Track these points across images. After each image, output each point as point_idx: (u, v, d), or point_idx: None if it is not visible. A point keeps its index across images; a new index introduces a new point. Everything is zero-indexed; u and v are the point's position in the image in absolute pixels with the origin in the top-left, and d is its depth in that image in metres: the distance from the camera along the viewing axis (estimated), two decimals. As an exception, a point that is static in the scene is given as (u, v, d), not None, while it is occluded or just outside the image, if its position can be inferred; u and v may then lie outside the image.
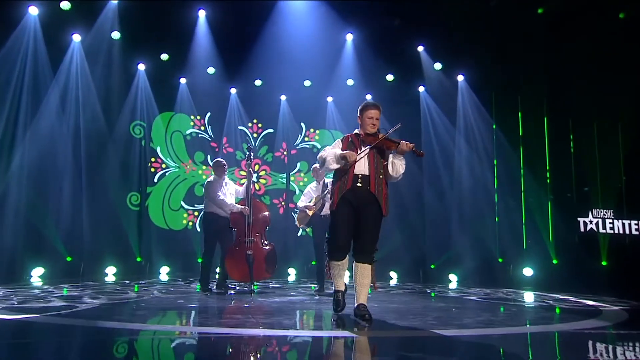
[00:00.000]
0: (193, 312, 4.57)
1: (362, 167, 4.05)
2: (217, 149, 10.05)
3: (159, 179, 9.67)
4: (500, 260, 9.54)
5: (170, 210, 9.68)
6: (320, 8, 8.95)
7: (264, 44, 9.25)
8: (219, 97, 10.06)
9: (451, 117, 9.94)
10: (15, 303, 4.66)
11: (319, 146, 10.58)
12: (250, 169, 6.64)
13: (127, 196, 9.24)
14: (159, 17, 8.71)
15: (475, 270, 9.27)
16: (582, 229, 8.82)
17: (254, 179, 10.32)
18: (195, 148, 9.99)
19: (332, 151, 4.16)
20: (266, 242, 6.43)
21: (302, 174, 10.51)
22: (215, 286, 6.40)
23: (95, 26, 8.49)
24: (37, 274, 7.48)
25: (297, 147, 10.60)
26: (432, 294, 6.72)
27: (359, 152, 4.09)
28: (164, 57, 9.41)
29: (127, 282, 7.52)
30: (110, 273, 8.41)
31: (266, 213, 6.54)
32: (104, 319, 3.83)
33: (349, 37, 9.63)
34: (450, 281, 9.24)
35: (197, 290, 6.31)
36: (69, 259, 8.06)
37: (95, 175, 8.48)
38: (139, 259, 8.89)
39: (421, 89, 10.29)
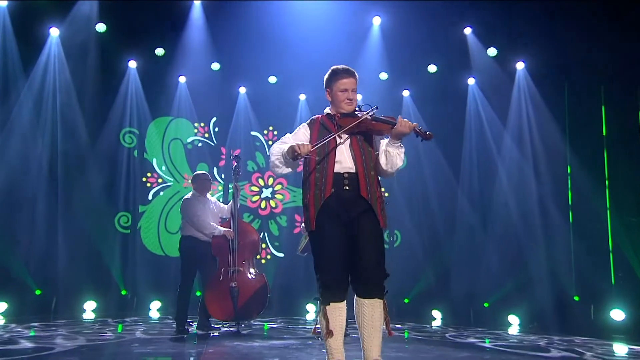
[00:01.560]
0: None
1: (346, 161, 3.40)
2: (223, 160, 9.90)
3: (154, 196, 9.62)
4: (576, 298, 8.69)
5: (167, 233, 9.61)
6: None
7: (277, 33, 9.03)
8: (226, 97, 9.94)
9: (504, 114, 9.34)
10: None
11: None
12: (236, 184, 6.50)
13: (116, 217, 9.22)
14: (150, 4, 8.66)
15: (543, 310, 8.48)
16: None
17: (268, 194, 10.07)
18: (198, 159, 9.88)
19: (279, 146, 3.46)
20: (255, 273, 6.25)
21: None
22: (195, 326, 6.28)
23: (76, 18, 8.51)
24: (-1, 310, 7.52)
25: (320, 156, 10.26)
26: (487, 341, 6.25)
27: (338, 140, 3.42)
28: (159, 51, 9.37)
29: (109, 320, 7.47)
30: (89, 309, 8.37)
31: (255, 237, 6.40)
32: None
33: (376, 21, 9.23)
34: (511, 324, 8.50)
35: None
36: (38, 292, 8.04)
37: (74, 193, 8.50)
38: (123, 292, 8.81)
39: (471, 81, 9.74)
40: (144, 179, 9.56)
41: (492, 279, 9.11)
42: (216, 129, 10.08)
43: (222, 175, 9.91)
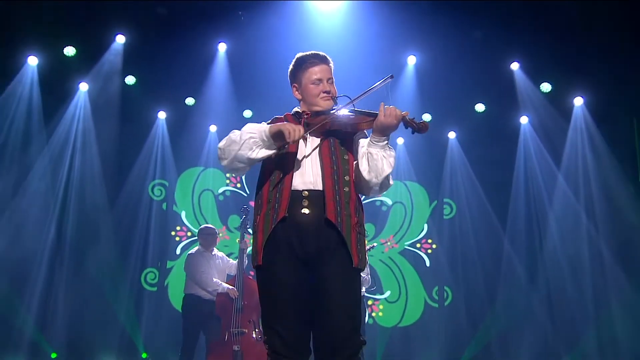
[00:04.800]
0: None
1: (308, 174, 2.60)
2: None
3: (182, 250, 8.92)
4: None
5: (197, 290, 8.90)
6: (371, 27, 7.81)
7: None
8: None
9: (558, 156, 8.29)
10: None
11: (389, 202, 9.23)
12: (244, 235, 6.13)
13: (142, 273, 8.66)
14: (176, 54, 8.19)
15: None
16: None
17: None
18: (229, 210, 9.22)
19: (252, 126, 2.68)
20: (261, 335, 5.55)
21: (366, 240, 9.14)
22: None
23: (104, 72, 8.18)
24: (12, 374, 7.08)
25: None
26: None
27: (302, 144, 2.67)
28: (190, 101, 8.92)
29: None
30: (107, 373, 7.84)
31: None
32: None
33: (411, 61, 8.35)
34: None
35: None
36: (53, 355, 7.61)
37: (89, 252, 8.07)
38: (144, 355, 8.17)
39: (524, 120, 8.66)
40: (173, 233, 9.00)
41: (557, 344, 7.88)
42: (249, 180, 9.29)
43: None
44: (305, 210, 2.51)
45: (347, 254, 2.49)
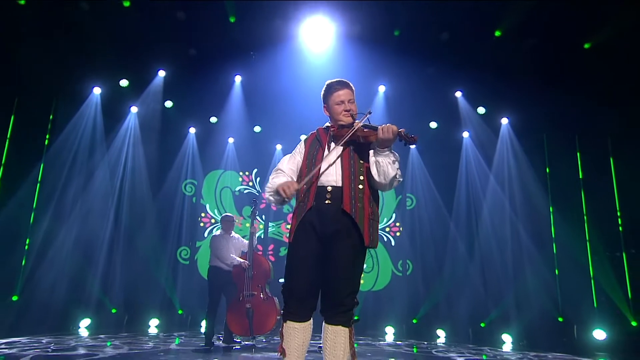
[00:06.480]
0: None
1: (332, 174, 2.88)
2: (264, 203, 10.34)
3: (208, 233, 10.19)
4: (560, 319, 8.52)
5: (218, 263, 10.09)
6: (350, 64, 8.86)
7: (297, 99, 9.24)
8: (266, 153, 10.48)
9: (490, 162, 9.42)
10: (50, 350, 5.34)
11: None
12: (254, 221, 6.75)
13: (178, 250, 9.86)
14: (205, 85, 9.34)
15: (531, 330, 8.41)
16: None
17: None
18: (243, 203, 10.42)
19: (273, 179, 3.02)
20: (267, 296, 6.44)
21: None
22: (222, 341, 6.63)
23: (149, 98, 9.32)
24: (84, 324, 8.27)
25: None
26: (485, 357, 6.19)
27: (326, 153, 2.94)
28: (213, 119, 10.08)
29: (161, 334, 8.01)
30: (153, 325, 8.94)
31: (267, 267, 6.57)
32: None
33: (381, 89, 9.53)
34: (504, 342, 8.43)
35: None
36: (113, 311, 8.75)
37: (142, 234, 9.20)
38: (180, 312, 9.36)
39: (465, 134, 9.85)
40: (199, 220, 10.19)
41: (487, 302, 9.01)
42: (258, 179, 10.63)
43: (263, 217, 10.40)
44: (328, 202, 2.83)
45: (359, 235, 2.76)
